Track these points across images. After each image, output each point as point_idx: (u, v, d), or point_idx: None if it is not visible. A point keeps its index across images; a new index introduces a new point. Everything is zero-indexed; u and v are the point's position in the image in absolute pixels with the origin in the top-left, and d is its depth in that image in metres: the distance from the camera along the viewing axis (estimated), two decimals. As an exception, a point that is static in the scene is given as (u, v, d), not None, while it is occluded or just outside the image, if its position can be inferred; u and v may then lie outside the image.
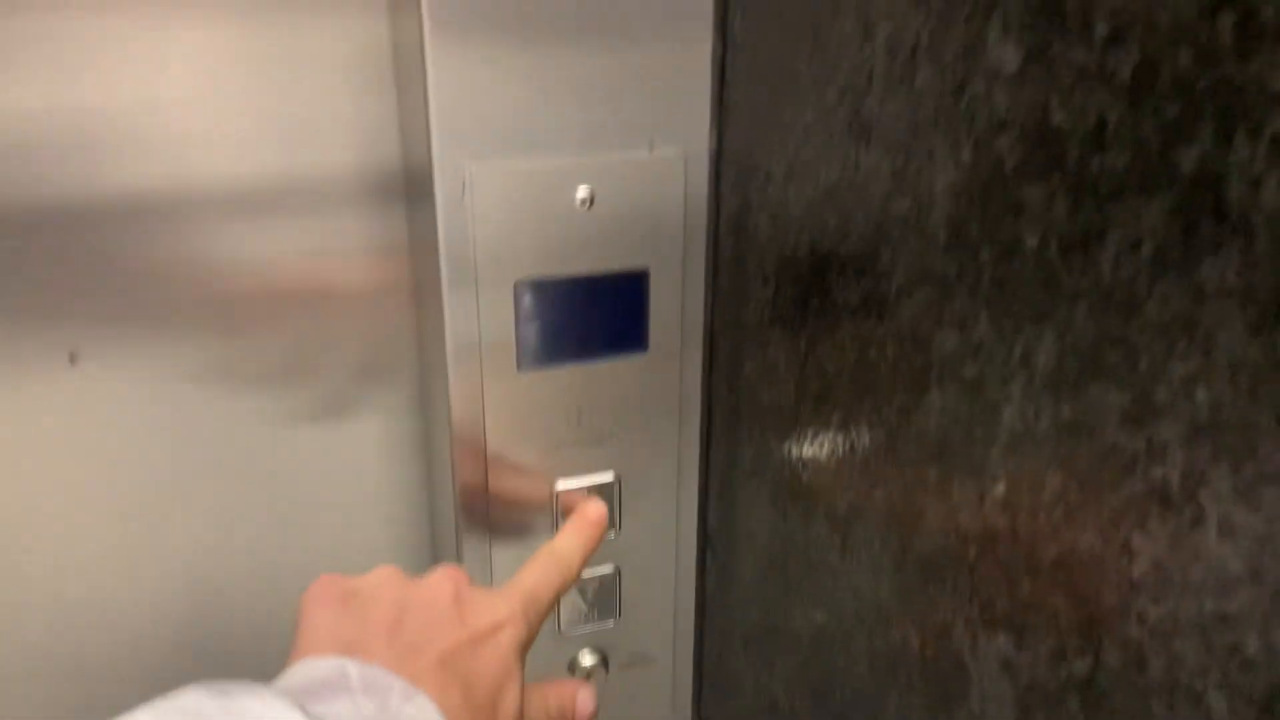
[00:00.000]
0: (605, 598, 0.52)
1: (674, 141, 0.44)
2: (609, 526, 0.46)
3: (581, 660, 0.53)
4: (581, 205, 0.43)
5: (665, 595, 0.54)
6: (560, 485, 0.48)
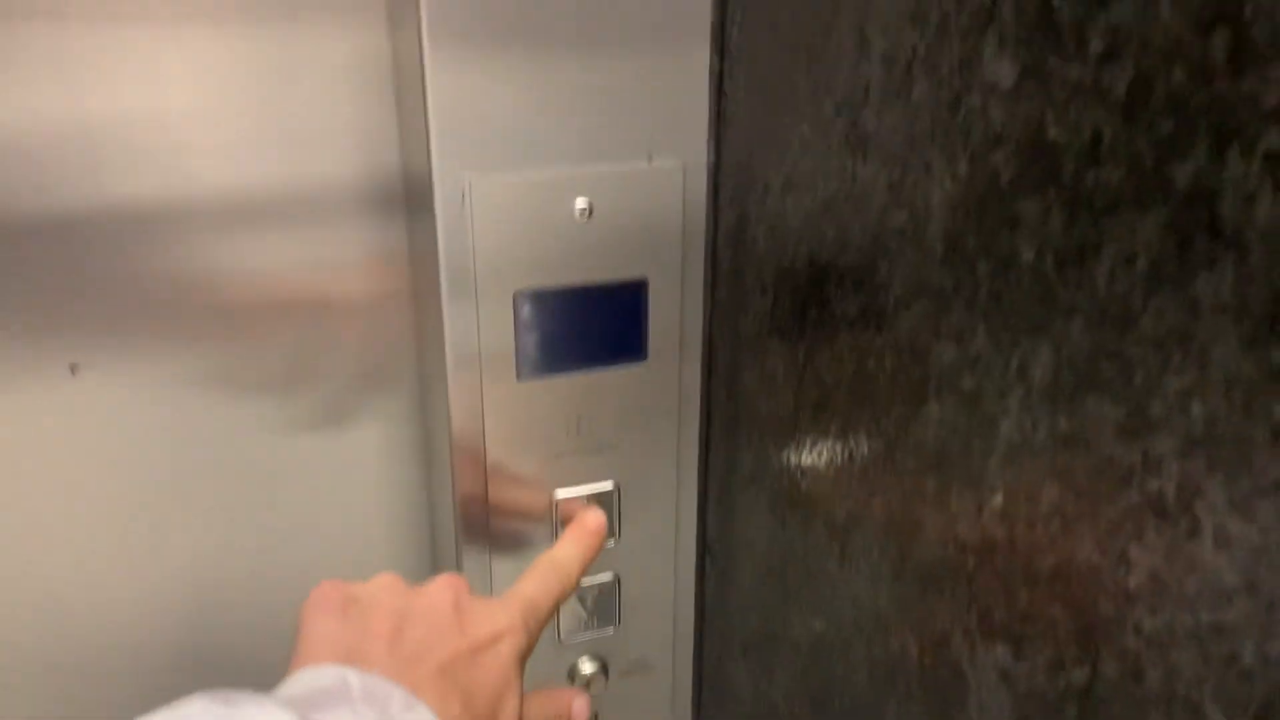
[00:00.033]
0: (605, 605, 0.52)
1: (672, 153, 0.44)
2: (608, 535, 0.47)
3: (581, 668, 0.53)
4: (581, 216, 0.43)
5: (665, 603, 0.54)
6: (560, 494, 0.49)
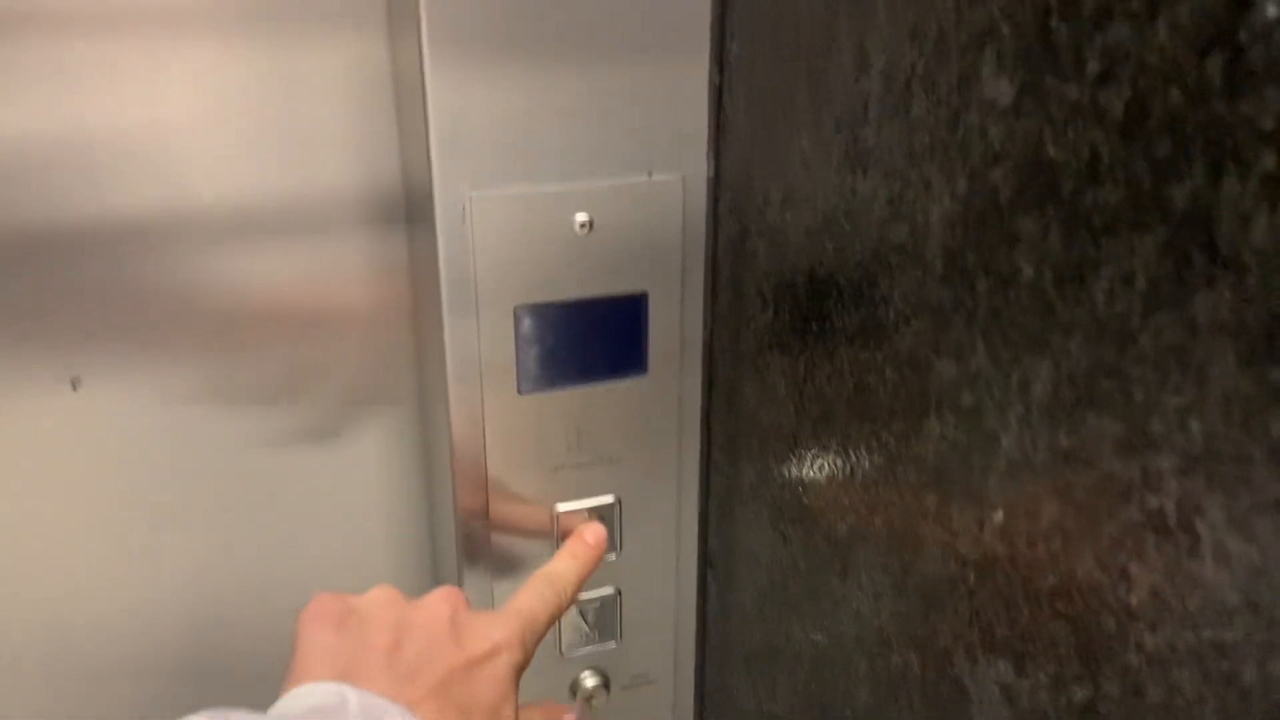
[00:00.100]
0: (606, 619, 0.52)
1: (672, 167, 0.44)
2: (610, 548, 0.47)
3: (583, 681, 0.53)
4: (581, 230, 0.44)
5: (666, 616, 0.54)
6: (560, 507, 0.49)
